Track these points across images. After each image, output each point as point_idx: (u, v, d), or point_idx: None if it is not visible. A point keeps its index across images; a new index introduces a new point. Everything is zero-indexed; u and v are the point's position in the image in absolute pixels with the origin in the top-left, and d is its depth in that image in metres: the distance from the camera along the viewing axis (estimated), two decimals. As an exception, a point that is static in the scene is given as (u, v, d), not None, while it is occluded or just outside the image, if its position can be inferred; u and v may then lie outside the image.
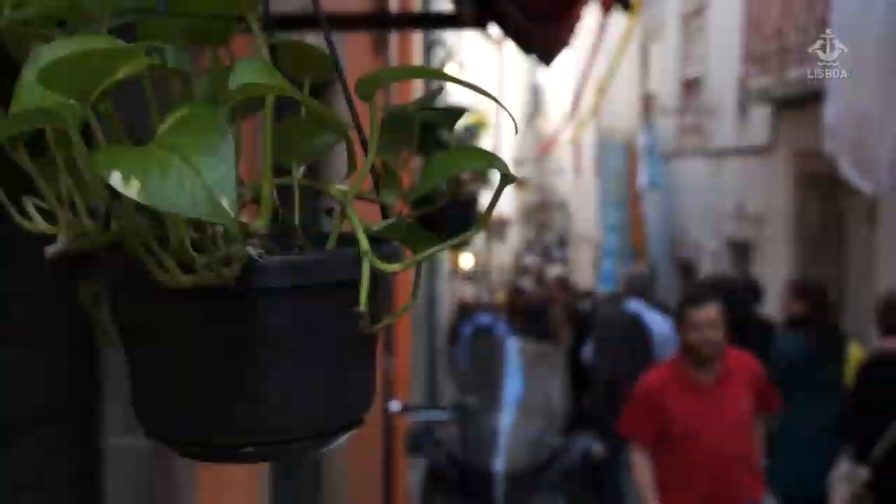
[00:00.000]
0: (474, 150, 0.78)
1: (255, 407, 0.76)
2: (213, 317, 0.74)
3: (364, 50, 5.26)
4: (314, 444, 0.80)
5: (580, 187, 23.81)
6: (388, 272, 0.77)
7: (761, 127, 9.88)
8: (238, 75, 0.68)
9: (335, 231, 0.81)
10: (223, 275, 0.70)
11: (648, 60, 15.73)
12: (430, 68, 0.84)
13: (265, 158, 0.75)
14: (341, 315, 0.76)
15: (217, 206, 0.61)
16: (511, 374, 5.61)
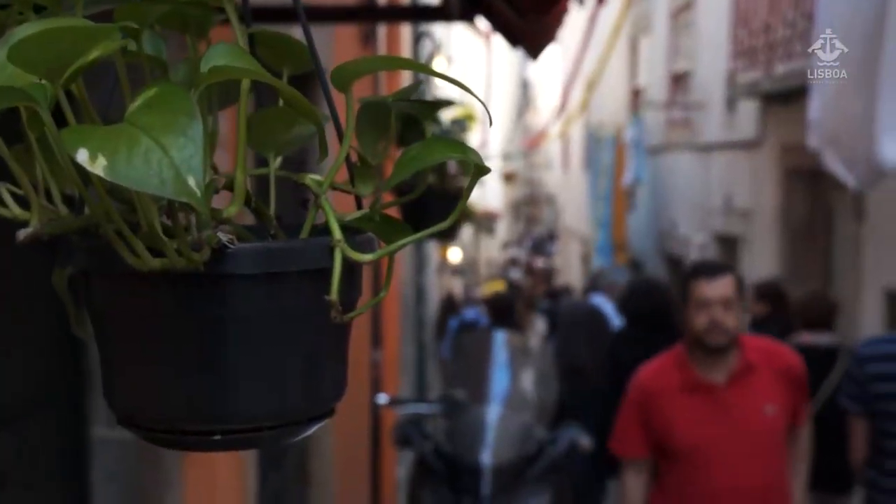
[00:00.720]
0: (449, 142, 0.78)
1: (225, 395, 0.76)
2: (183, 302, 0.75)
3: (352, 42, 5.25)
4: (285, 434, 0.80)
5: (568, 182, 23.83)
6: (361, 262, 0.78)
7: (749, 121, 9.90)
8: (210, 58, 0.68)
9: (309, 220, 0.81)
10: (193, 260, 0.70)
11: (637, 55, 15.75)
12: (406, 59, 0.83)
13: (238, 145, 0.75)
14: (313, 304, 0.76)
15: (184, 185, 0.61)
16: (498, 367, 5.61)
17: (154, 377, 0.78)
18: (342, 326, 0.81)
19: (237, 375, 0.76)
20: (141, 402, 0.80)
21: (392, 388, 6.24)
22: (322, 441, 4.84)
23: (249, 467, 3.42)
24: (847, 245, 7.80)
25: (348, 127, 0.79)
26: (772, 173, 9.29)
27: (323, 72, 0.83)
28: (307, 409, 0.81)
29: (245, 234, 0.77)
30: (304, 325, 0.78)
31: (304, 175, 0.80)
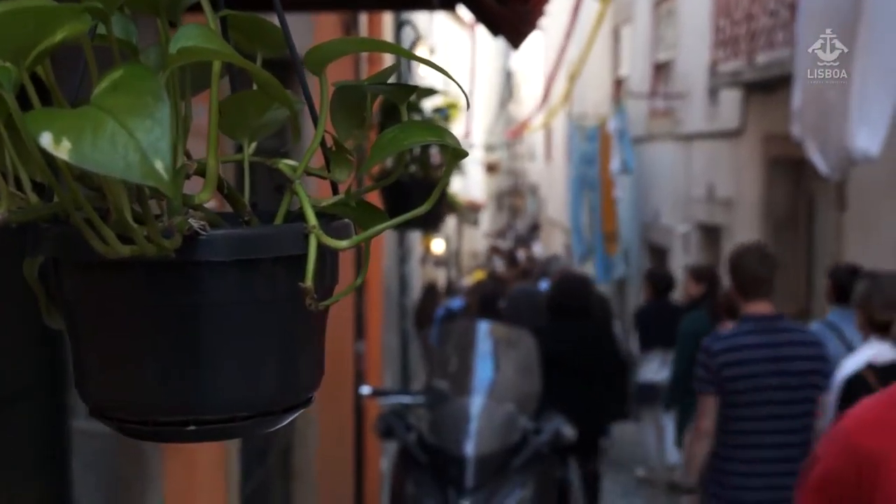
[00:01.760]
0: (425, 126, 0.77)
1: (199, 384, 0.74)
2: (155, 291, 0.73)
3: (333, 32, 5.23)
4: (261, 424, 0.78)
5: (551, 172, 23.85)
6: (336, 248, 0.76)
7: (731, 111, 9.91)
8: (178, 40, 0.66)
9: (283, 206, 0.80)
10: (164, 247, 0.69)
11: (619, 45, 15.75)
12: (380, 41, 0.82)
13: (210, 130, 0.74)
14: (288, 291, 0.75)
15: (151, 169, 0.59)
16: (481, 358, 5.61)
17: (126, 367, 0.76)
18: (318, 314, 0.79)
19: (210, 365, 0.75)
20: (113, 393, 0.78)
21: (375, 379, 6.23)
22: (305, 433, 4.83)
23: (231, 459, 3.41)
24: (829, 233, 7.83)
25: (322, 111, 0.78)
26: (754, 162, 9.31)
27: (297, 55, 0.82)
28: (283, 398, 0.79)
29: (218, 221, 0.76)
30: (279, 313, 0.77)
31: (277, 160, 0.79)
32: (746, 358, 4.28)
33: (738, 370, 4.26)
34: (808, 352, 4.35)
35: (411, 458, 5.02)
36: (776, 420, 4.27)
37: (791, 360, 4.29)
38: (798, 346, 4.35)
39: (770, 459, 4.28)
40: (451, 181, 4.69)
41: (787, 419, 4.28)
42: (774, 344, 4.31)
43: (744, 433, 4.32)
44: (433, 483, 4.85)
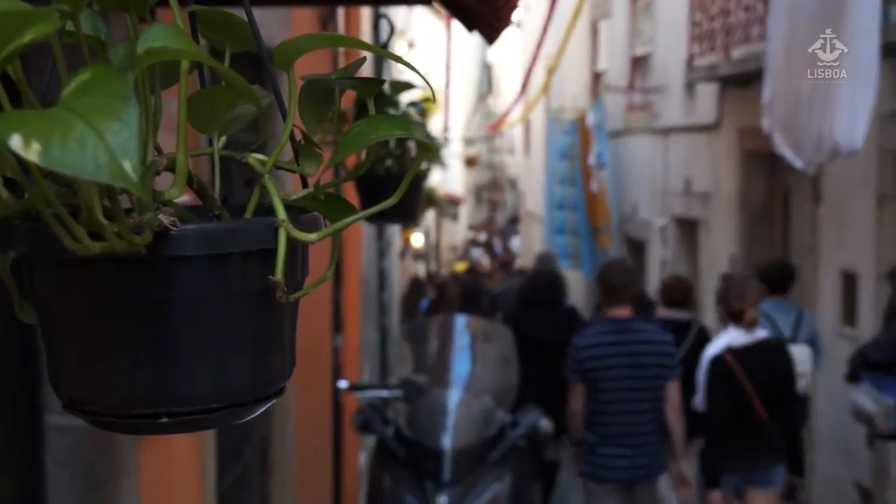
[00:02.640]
0: (392, 120, 0.78)
1: (170, 377, 0.75)
2: (126, 286, 0.74)
3: (310, 26, 5.22)
4: (232, 415, 0.79)
5: (530, 166, 23.88)
6: (306, 241, 0.77)
7: (708, 105, 9.96)
8: (146, 39, 0.67)
9: (252, 200, 0.80)
10: (134, 243, 0.69)
11: (597, 39, 15.78)
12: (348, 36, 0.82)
13: (179, 126, 0.74)
14: (258, 285, 0.76)
15: (120, 170, 0.60)
16: (459, 351, 5.62)
17: (98, 361, 0.77)
18: (289, 307, 0.80)
19: (182, 357, 0.76)
20: (85, 387, 0.79)
21: (353, 373, 6.24)
22: (283, 427, 4.83)
23: (208, 454, 3.40)
24: (804, 226, 7.88)
25: (291, 105, 0.78)
26: (730, 156, 9.36)
27: (265, 50, 0.83)
28: (254, 389, 0.80)
29: (187, 216, 0.76)
30: (250, 306, 0.78)
31: (247, 154, 0.80)
32: (605, 353, 5.20)
33: (597, 363, 5.19)
34: (656, 348, 5.25)
35: (389, 452, 5.03)
36: (630, 403, 5.21)
37: (642, 354, 5.20)
38: (648, 344, 5.24)
39: (626, 434, 5.22)
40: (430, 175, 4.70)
41: (639, 402, 5.21)
42: (628, 342, 5.21)
43: (605, 414, 5.24)
44: (410, 477, 4.87)
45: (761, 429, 5.07)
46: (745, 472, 5.15)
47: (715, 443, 5.22)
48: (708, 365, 5.20)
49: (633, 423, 5.22)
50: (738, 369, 5.01)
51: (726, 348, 5.09)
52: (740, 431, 5.09)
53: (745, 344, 5.07)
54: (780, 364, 5.13)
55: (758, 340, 5.13)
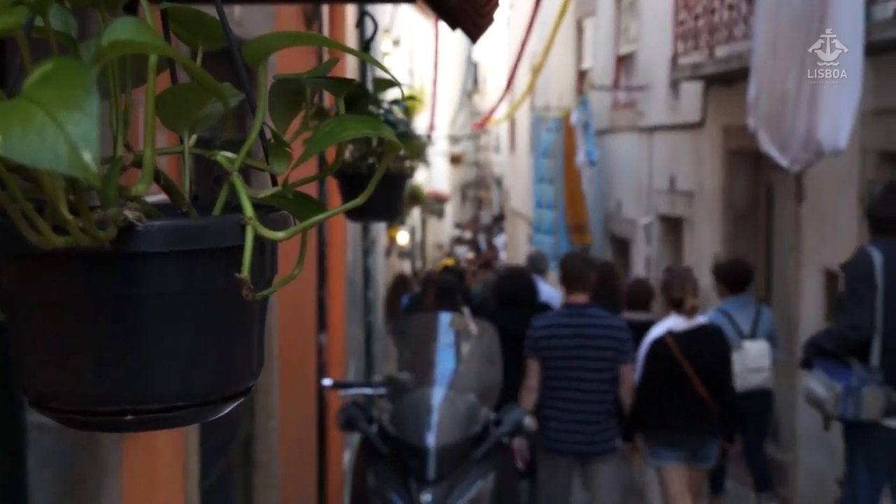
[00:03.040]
0: (361, 119, 0.78)
1: (136, 375, 0.75)
2: (91, 282, 0.74)
3: (294, 24, 5.22)
4: (199, 413, 0.79)
5: (515, 164, 23.90)
6: (274, 239, 0.77)
7: (692, 104, 9.99)
8: (110, 32, 0.66)
9: (221, 198, 0.80)
10: (98, 238, 0.69)
11: (583, 37, 15.80)
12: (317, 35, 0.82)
13: (147, 122, 0.74)
14: (225, 282, 0.76)
15: (79, 161, 0.60)
16: (443, 349, 5.62)
17: (64, 358, 0.77)
18: (257, 305, 0.80)
19: (148, 355, 0.75)
20: (51, 384, 0.79)
21: (338, 371, 6.24)
22: (267, 425, 4.82)
23: (191, 451, 3.40)
24: (787, 225, 7.91)
25: (261, 104, 0.78)
26: (714, 154, 9.39)
27: (236, 48, 0.82)
28: (221, 387, 0.80)
29: (154, 212, 0.76)
30: (217, 304, 0.78)
31: (216, 152, 0.79)
32: (560, 334, 5.67)
33: (552, 342, 5.66)
34: (610, 332, 5.67)
35: (373, 450, 5.02)
36: (582, 381, 5.65)
37: (594, 337, 5.63)
38: (601, 328, 5.67)
39: (576, 410, 5.65)
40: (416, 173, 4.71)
41: (590, 381, 5.65)
42: (582, 325, 5.65)
43: (558, 390, 5.66)
44: (395, 474, 4.86)
45: (701, 407, 5.53)
46: (689, 446, 5.65)
47: (641, 411, 5.65)
48: (648, 346, 5.72)
49: (584, 400, 5.65)
50: (677, 351, 5.50)
51: (667, 332, 5.60)
52: (681, 410, 5.53)
53: (685, 329, 5.56)
54: (717, 347, 5.63)
55: (696, 325, 5.61)
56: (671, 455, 5.66)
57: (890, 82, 5.91)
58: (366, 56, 0.82)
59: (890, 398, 4.73)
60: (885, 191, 5.03)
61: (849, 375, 4.82)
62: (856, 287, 4.85)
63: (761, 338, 6.69)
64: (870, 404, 4.73)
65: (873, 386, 4.74)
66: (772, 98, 5.78)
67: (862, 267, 4.86)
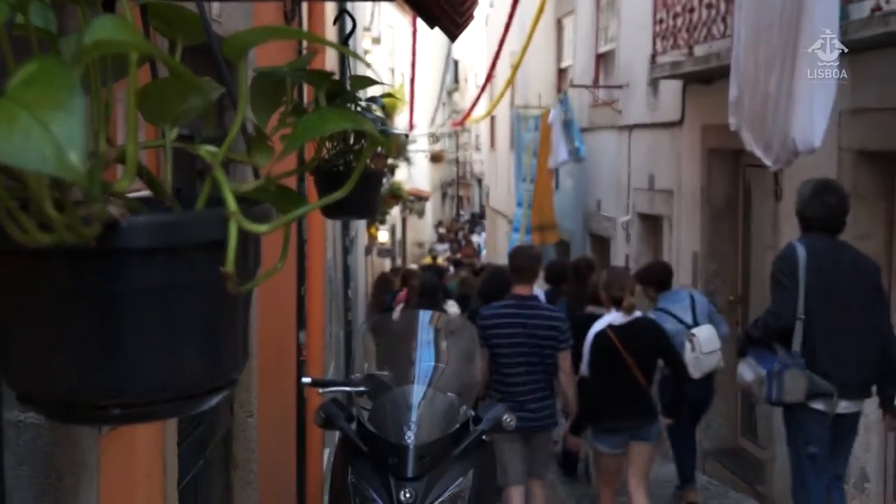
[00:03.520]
0: (341, 113, 0.78)
1: (122, 368, 0.75)
2: (77, 277, 0.74)
3: (273, 19, 5.20)
4: (184, 406, 0.80)
5: (495, 162, 23.91)
6: (256, 232, 0.77)
7: (671, 102, 10.02)
8: (92, 31, 0.66)
9: (204, 192, 0.80)
10: (83, 234, 0.69)
11: (562, 36, 15.83)
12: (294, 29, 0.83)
13: (129, 118, 0.74)
14: (209, 275, 0.76)
15: (65, 161, 0.60)
16: (423, 347, 5.62)
17: (51, 353, 0.77)
18: (241, 298, 0.80)
19: (134, 349, 0.76)
20: (38, 378, 0.79)
21: (317, 368, 6.22)
22: (246, 423, 4.81)
23: (170, 449, 3.39)
24: (766, 223, 7.95)
25: (241, 98, 0.78)
26: (693, 153, 9.42)
27: (215, 43, 0.83)
28: (206, 380, 0.80)
29: (138, 208, 0.76)
30: (201, 297, 0.78)
31: (198, 146, 0.80)
32: (504, 323, 6.08)
33: (498, 331, 6.06)
34: (550, 322, 6.10)
35: (352, 448, 5.01)
36: (525, 366, 6.09)
37: (536, 327, 6.04)
38: (543, 319, 6.11)
39: (521, 393, 6.12)
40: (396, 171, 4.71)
41: (533, 366, 6.10)
42: (526, 315, 6.08)
43: (504, 375, 6.08)
44: (374, 472, 4.85)
45: (640, 392, 6.06)
46: (629, 430, 6.10)
47: (593, 400, 6.13)
48: (592, 339, 6.15)
49: (527, 382, 6.12)
50: (617, 342, 5.99)
51: (608, 325, 6.08)
52: (623, 395, 6.03)
53: (623, 322, 6.06)
54: (653, 337, 6.15)
55: (634, 319, 6.10)
56: (610, 442, 6.16)
57: (866, 81, 5.96)
58: (345, 49, 0.82)
59: (812, 381, 5.06)
60: (813, 192, 5.31)
61: (774, 361, 5.18)
62: (780, 279, 5.22)
63: (704, 321, 7.20)
64: (791, 387, 5.09)
65: (795, 369, 5.10)
66: (753, 98, 5.82)
67: (787, 261, 5.23)
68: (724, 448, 9.09)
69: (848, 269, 5.19)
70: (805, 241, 5.24)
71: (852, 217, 6.39)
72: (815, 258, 5.16)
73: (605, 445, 6.20)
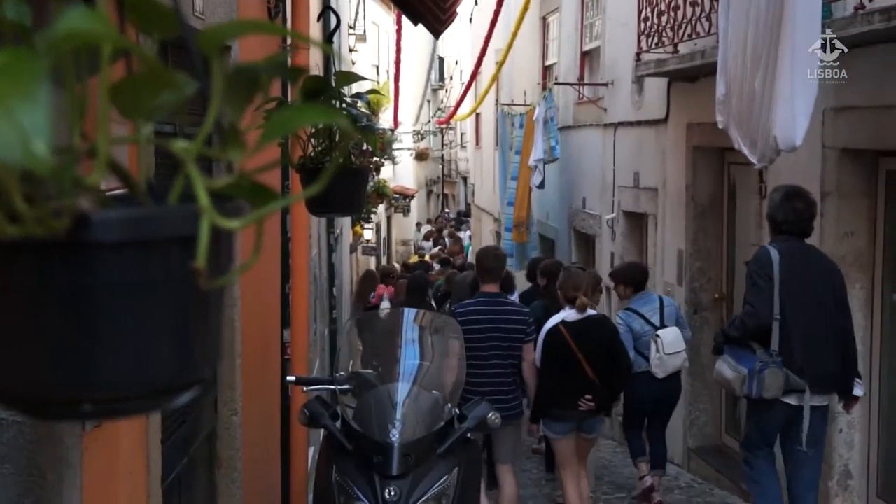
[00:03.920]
0: (316, 107, 0.78)
1: (93, 364, 0.75)
2: (48, 271, 0.73)
3: (257, 13, 5.19)
4: (156, 402, 0.79)
5: (480, 159, 23.92)
6: (228, 228, 0.77)
7: (656, 100, 10.04)
8: (64, 22, 0.66)
9: (177, 187, 0.80)
10: (53, 228, 0.69)
11: (547, 33, 15.84)
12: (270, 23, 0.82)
13: (101, 112, 0.74)
14: (181, 271, 0.76)
15: (31, 151, 0.59)
16: (408, 345, 5.62)
17: (20, 347, 0.76)
18: (213, 294, 0.80)
19: (105, 344, 0.75)
20: (8, 374, 0.78)
21: (302, 367, 6.21)
22: (230, 421, 4.80)
23: (153, 448, 3.38)
24: (750, 220, 7.97)
25: (216, 93, 0.78)
26: (678, 150, 9.44)
27: (191, 37, 0.82)
28: (178, 376, 0.80)
29: (110, 202, 0.76)
30: (173, 293, 0.77)
31: (171, 141, 0.79)
32: (476, 318, 6.52)
33: (471, 326, 6.36)
34: (516, 317, 6.67)
35: (337, 446, 5.01)
36: (495, 360, 6.54)
37: (505, 321, 6.56)
38: (510, 314, 6.66)
39: (491, 383, 6.44)
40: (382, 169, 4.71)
41: (502, 359, 6.57)
42: (495, 311, 6.60)
43: (476, 366, 6.22)
44: (359, 470, 4.85)
45: (588, 385, 6.46)
46: (577, 418, 6.56)
47: (545, 391, 6.59)
48: (545, 334, 6.60)
49: (496, 374, 6.55)
50: (568, 337, 6.44)
51: (561, 321, 6.53)
52: (571, 388, 6.47)
53: (576, 319, 6.51)
54: (604, 335, 6.61)
55: (586, 317, 6.54)
56: (560, 427, 6.64)
57: (850, 80, 5.98)
58: (324, 45, 0.82)
59: (788, 379, 5.37)
60: (783, 198, 5.59)
61: (753, 359, 5.45)
62: (755, 281, 5.46)
63: (670, 324, 7.67)
64: (771, 384, 5.38)
65: (774, 368, 5.38)
66: (740, 96, 5.85)
67: (762, 263, 5.46)
68: (708, 446, 9.11)
69: (816, 271, 5.48)
70: (777, 245, 5.50)
71: (836, 215, 6.42)
72: (787, 260, 5.41)
73: (554, 431, 6.70)
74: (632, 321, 7.60)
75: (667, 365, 7.57)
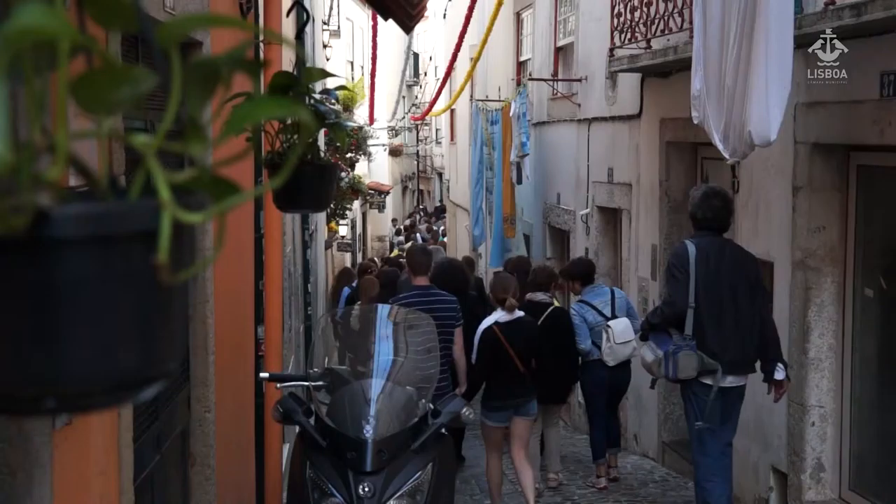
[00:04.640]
0: (277, 100, 0.78)
1: (56, 359, 0.74)
2: (9, 267, 0.73)
3: (229, 8, 5.17)
4: (119, 396, 0.79)
5: (455, 155, 23.92)
6: (189, 222, 0.77)
7: (629, 95, 10.07)
8: (17, 19, 0.65)
9: (138, 181, 0.79)
10: (12, 224, 0.68)
11: (521, 29, 15.86)
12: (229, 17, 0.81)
13: (59, 106, 0.73)
14: (143, 265, 0.75)
15: (-15, 148, 0.59)
16: (382, 341, 5.62)
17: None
18: (176, 288, 0.80)
19: (67, 339, 0.75)
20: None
21: (276, 364, 6.19)
22: (203, 418, 4.78)
23: (125, 446, 3.36)
24: (722, 215, 8.00)
25: (175, 87, 0.78)
26: (651, 146, 9.48)
27: (150, 31, 0.82)
28: (142, 370, 0.80)
29: (70, 197, 0.76)
30: (135, 288, 0.77)
31: (131, 136, 0.79)
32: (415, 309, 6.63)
33: None
34: (446, 306, 7.20)
35: (311, 442, 5.01)
36: None
37: (438, 311, 6.85)
38: (441, 304, 7.17)
39: None
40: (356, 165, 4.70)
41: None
42: (428, 302, 7.06)
43: None
44: (333, 466, 4.85)
45: (519, 377, 7.09)
46: (511, 407, 7.15)
47: (477, 383, 7.35)
48: (480, 333, 7.13)
49: None
50: (501, 336, 7.02)
51: (494, 322, 7.09)
52: (506, 380, 7.09)
53: (507, 320, 7.07)
54: (530, 333, 7.22)
55: (516, 318, 7.13)
56: (495, 417, 7.22)
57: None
58: (287, 40, 0.82)
59: (702, 361, 5.78)
60: (702, 197, 6.01)
61: (669, 342, 5.91)
62: (674, 272, 5.91)
63: (621, 315, 8.26)
64: (685, 365, 5.79)
65: (687, 350, 5.80)
66: (714, 91, 5.89)
67: (680, 257, 5.91)
68: (682, 440, 9.16)
69: (731, 263, 5.89)
70: (695, 240, 5.94)
71: (808, 209, 6.47)
72: (703, 254, 5.85)
73: (492, 420, 7.25)
74: (585, 312, 8.25)
75: (617, 353, 8.15)
